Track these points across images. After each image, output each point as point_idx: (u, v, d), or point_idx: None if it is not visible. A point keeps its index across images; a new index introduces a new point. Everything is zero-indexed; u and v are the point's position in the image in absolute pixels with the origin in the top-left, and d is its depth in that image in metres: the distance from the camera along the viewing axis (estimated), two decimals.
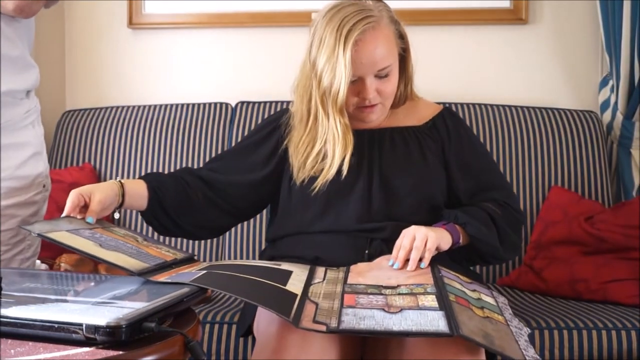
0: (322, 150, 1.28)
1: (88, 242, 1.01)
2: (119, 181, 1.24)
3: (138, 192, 1.27)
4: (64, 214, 1.13)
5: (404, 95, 1.37)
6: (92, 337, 0.70)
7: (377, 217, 1.27)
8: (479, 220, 1.23)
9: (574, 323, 1.50)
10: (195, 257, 1.18)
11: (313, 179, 1.28)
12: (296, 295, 0.96)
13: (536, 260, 1.85)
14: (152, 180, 1.30)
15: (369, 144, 1.33)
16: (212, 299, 1.72)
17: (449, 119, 1.38)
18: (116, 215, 1.26)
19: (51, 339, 0.72)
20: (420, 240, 1.12)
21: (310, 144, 1.29)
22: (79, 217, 1.15)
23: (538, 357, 0.90)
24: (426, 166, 1.31)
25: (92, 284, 0.95)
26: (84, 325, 0.71)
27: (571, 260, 1.78)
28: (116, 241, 1.07)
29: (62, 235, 1.01)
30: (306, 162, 1.29)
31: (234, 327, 1.50)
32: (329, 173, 1.27)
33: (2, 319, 0.73)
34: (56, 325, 0.72)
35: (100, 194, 1.17)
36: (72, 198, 1.15)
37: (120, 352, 0.70)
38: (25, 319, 0.73)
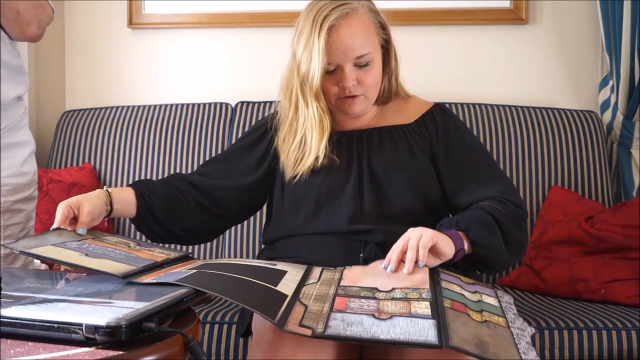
0: (303, 140, 1.29)
1: (73, 253, 1.00)
2: (106, 190, 1.24)
3: (126, 199, 1.27)
4: (53, 227, 1.13)
5: (389, 90, 1.35)
6: (92, 337, 0.70)
7: (369, 218, 1.25)
8: (480, 224, 1.18)
9: (574, 323, 1.50)
10: (191, 255, 1.18)
11: (297, 172, 1.29)
12: (286, 296, 0.94)
13: (536, 260, 1.85)
14: (141, 187, 1.30)
15: (357, 144, 1.32)
16: (212, 299, 1.72)
17: (438, 115, 1.35)
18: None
19: (51, 339, 0.72)
20: (415, 239, 1.07)
21: (292, 136, 1.30)
22: (69, 229, 1.14)
23: None
24: (416, 164, 1.29)
25: (92, 284, 0.95)
26: (83, 325, 0.70)
27: (571, 260, 1.78)
28: (104, 249, 1.07)
29: (46, 249, 1.00)
30: (289, 154, 1.30)
31: (234, 327, 1.51)
32: (308, 160, 1.27)
33: (2, 319, 0.73)
34: (56, 325, 0.72)
35: (88, 204, 1.17)
36: (62, 210, 1.14)
37: (120, 352, 0.70)
38: (25, 319, 0.73)
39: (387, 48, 1.32)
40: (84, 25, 2.39)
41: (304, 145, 1.29)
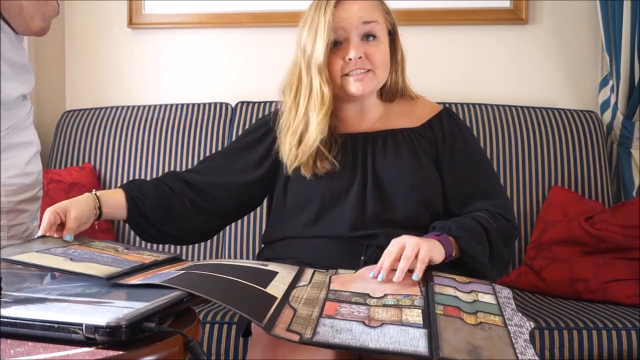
0: (304, 121, 1.26)
1: (58, 259, 1.00)
2: (95, 194, 1.22)
3: (116, 203, 1.25)
4: (39, 234, 1.12)
5: (397, 86, 1.34)
6: (92, 337, 0.70)
7: (372, 223, 1.24)
8: (471, 233, 1.18)
9: (574, 323, 1.50)
10: (182, 258, 1.17)
11: (299, 165, 1.27)
12: (275, 298, 0.93)
13: (536, 260, 1.85)
14: (133, 189, 1.28)
15: (362, 147, 1.31)
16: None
17: (446, 120, 1.34)
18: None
19: (51, 339, 0.72)
20: (411, 249, 1.06)
21: (291, 121, 1.29)
22: (55, 235, 1.13)
23: (537, 359, 0.88)
24: (420, 170, 1.27)
25: (93, 284, 0.95)
26: (84, 325, 0.71)
27: (571, 260, 1.78)
28: (91, 254, 1.06)
29: (29, 256, 0.99)
30: (288, 140, 1.28)
31: (234, 327, 1.51)
32: (310, 139, 1.25)
33: (2, 319, 0.73)
34: (56, 325, 0.72)
35: (75, 209, 1.16)
36: (48, 217, 1.13)
37: (120, 352, 0.70)
38: (25, 319, 0.73)
39: (393, 37, 1.31)
40: (84, 25, 2.39)
41: (305, 124, 1.27)
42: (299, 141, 1.27)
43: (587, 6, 2.23)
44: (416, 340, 0.84)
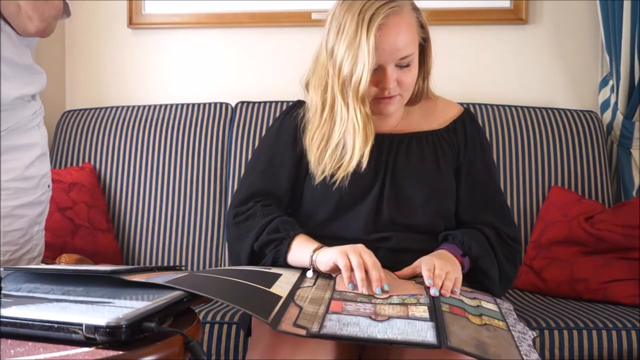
0: (341, 143, 1.23)
1: (61, 266, 1.03)
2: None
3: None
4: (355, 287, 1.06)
5: (422, 91, 1.32)
6: (92, 337, 0.70)
7: (386, 226, 1.24)
8: (487, 256, 1.21)
9: (574, 323, 1.50)
10: (182, 267, 1.18)
11: (333, 174, 1.25)
12: (280, 297, 0.93)
13: (536, 260, 1.85)
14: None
15: (387, 150, 1.29)
16: (212, 299, 1.71)
17: (469, 125, 1.34)
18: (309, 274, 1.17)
19: (51, 339, 0.72)
20: (455, 276, 1.09)
21: (325, 137, 1.25)
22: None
23: None
24: (440, 176, 1.27)
25: (93, 284, 0.95)
26: (83, 325, 0.71)
27: (571, 260, 1.78)
28: (93, 266, 1.09)
29: (38, 267, 1.02)
30: (324, 156, 1.25)
31: (234, 327, 1.51)
32: (349, 165, 1.22)
33: (2, 319, 0.73)
34: (56, 325, 0.72)
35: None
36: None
37: (120, 352, 0.70)
38: (25, 319, 0.73)
39: (424, 47, 1.28)
40: (84, 25, 2.39)
41: (343, 149, 1.24)
42: (340, 162, 1.24)
43: (587, 6, 2.23)
44: (424, 332, 0.84)
